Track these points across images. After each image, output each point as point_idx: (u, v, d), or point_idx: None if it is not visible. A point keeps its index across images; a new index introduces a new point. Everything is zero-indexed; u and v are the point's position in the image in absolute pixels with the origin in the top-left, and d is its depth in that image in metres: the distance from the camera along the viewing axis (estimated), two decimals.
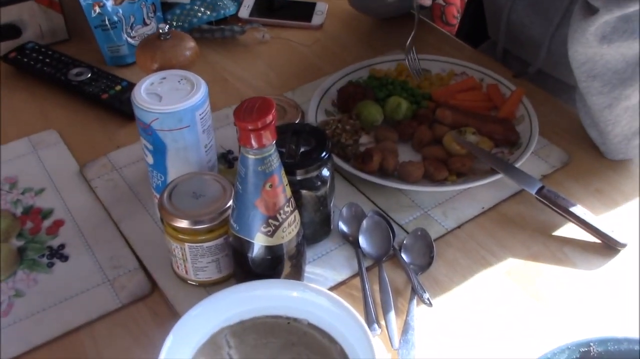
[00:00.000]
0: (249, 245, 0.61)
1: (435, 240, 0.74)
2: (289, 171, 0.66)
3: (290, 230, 0.61)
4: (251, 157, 0.56)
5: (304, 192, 0.68)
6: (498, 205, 0.79)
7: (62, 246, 0.74)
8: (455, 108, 0.87)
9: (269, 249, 0.61)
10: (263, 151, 0.56)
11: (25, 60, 1.00)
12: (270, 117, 0.54)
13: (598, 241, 0.74)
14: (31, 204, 0.80)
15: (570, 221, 0.75)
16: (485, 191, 0.80)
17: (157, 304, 0.69)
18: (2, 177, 0.83)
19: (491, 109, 0.91)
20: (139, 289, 0.70)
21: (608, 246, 0.73)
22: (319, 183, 0.69)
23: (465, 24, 1.40)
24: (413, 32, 0.94)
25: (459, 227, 0.76)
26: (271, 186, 0.58)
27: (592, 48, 0.76)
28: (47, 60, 1.00)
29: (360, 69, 0.96)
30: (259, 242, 0.61)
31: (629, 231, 0.74)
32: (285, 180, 0.59)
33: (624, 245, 0.73)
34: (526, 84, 0.97)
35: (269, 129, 0.55)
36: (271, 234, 0.60)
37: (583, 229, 0.74)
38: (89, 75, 0.97)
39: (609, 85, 0.77)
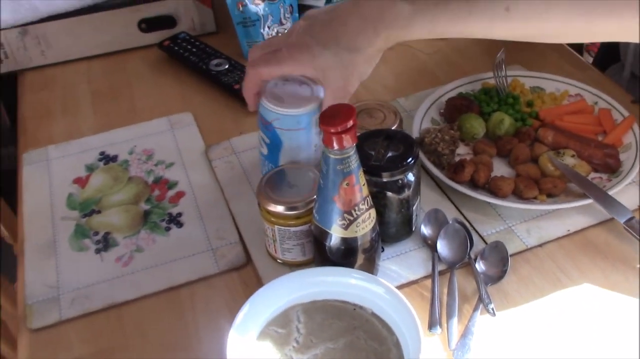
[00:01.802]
0: (326, 234, 0.68)
1: (513, 255, 0.77)
2: (376, 172, 0.73)
3: (364, 226, 0.67)
4: (332, 157, 0.63)
5: (388, 194, 0.74)
6: (585, 230, 0.79)
7: (179, 214, 0.86)
8: (559, 129, 0.88)
9: (344, 240, 0.68)
10: (343, 152, 0.63)
11: (176, 48, 1.14)
12: (350, 122, 0.61)
13: None
14: (161, 175, 0.92)
15: None
16: (575, 214, 0.80)
17: (248, 276, 0.78)
18: (141, 149, 0.97)
19: (599, 133, 0.90)
20: (236, 260, 0.80)
21: None
22: (404, 186, 0.74)
23: (605, 44, 1.36)
24: (503, 47, 0.95)
25: (540, 246, 0.78)
26: (348, 184, 0.64)
27: None
28: (194, 50, 1.13)
29: (474, 81, 1.00)
30: (334, 233, 0.68)
31: None
32: (362, 180, 0.66)
33: None
34: None
35: (350, 133, 0.61)
36: (345, 227, 0.67)
37: None
38: (227, 66, 1.09)
39: None
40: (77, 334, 0.73)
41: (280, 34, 0.80)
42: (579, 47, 2.20)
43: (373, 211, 0.68)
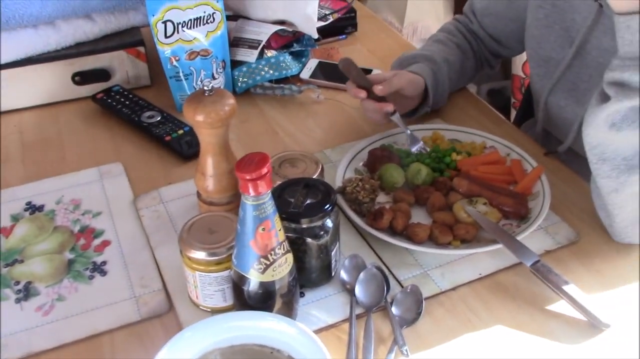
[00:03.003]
0: (244, 279, 0.70)
1: (427, 298, 0.80)
2: (295, 219, 0.75)
3: (280, 270, 0.70)
4: (248, 203, 0.66)
5: (307, 239, 0.77)
6: (495, 273, 0.83)
7: (104, 263, 0.87)
8: (473, 178, 0.93)
9: (261, 284, 0.70)
10: (258, 199, 0.65)
11: (109, 101, 1.16)
12: (264, 170, 0.64)
13: (584, 319, 0.77)
14: (87, 224, 0.93)
15: (561, 296, 0.78)
16: (486, 258, 0.84)
17: (171, 323, 0.79)
18: (69, 198, 0.97)
19: (511, 183, 0.96)
20: (158, 307, 0.80)
21: (592, 325, 0.76)
22: (322, 232, 0.77)
23: (525, 100, 1.45)
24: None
25: (453, 289, 0.81)
26: (264, 229, 0.67)
27: (602, 133, 0.80)
28: (127, 102, 1.15)
29: (396, 134, 1.05)
30: (252, 278, 0.70)
31: (617, 313, 0.77)
32: (278, 225, 0.68)
33: (607, 325, 0.75)
34: (554, 162, 1.02)
35: (264, 180, 0.64)
36: (262, 271, 0.69)
37: (571, 306, 0.77)
38: (159, 118, 1.11)
39: (616, 170, 0.81)
40: None
41: (207, 88, 0.83)
42: (506, 105, 2.32)
43: (290, 256, 0.71)
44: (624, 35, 0.77)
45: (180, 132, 1.09)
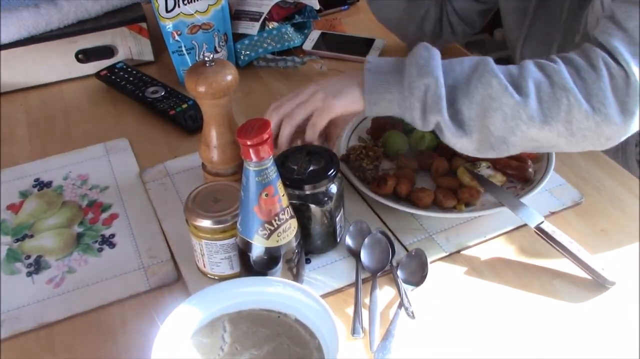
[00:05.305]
0: (250, 245, 0.71)
1: (432, 262, 0.80)
2: (299, 186, 0.76)
3: (285, 235, 0.70)
4: (251, 169, 0.66)
5: (311, 206, 0.77)
6: (501, 236, 0.84)
7: (112, 235, 0.88)
8: None
9: (267, 250, 0.71)
10: (261, 164, 0.66)
11: (113, 77, 1.16)
12: (265, 135, 0.64)
13: (589, 277, 0.77)
14: (95, 198, 0.94)
15: (565, 256, 0.78)
16: (491, 221, 0.85)
17: (179, 292, 0.80)
18: (76, 174, 0.98)
19: None
20: (166, 277, 0.81)
21: (597, 283, 0.76)
22: (326, 199, 0.77)
23: None
24: None
25: (458, 252, 0.82)
26: (267, 194, 0.67)
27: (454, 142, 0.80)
28: (131, 78, 1.16)
29: None
30: (257, 243, 0.70)
31: (622, 271, 0.77)
32: (282, 191, 0.69)
33: (612, 283, 0.75)
34: None
35: (265, 145, 0.65)
36: (267, 236, 0.69)
37: (576, 264, 0.78)
38: (163, 93, 1.12)
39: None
40: (6, 355, 0.74)
41: (208, 59, 0.83)
42: None
43: (294, 221, 0.71)
44: None
45: (184, 106, 1.09)
